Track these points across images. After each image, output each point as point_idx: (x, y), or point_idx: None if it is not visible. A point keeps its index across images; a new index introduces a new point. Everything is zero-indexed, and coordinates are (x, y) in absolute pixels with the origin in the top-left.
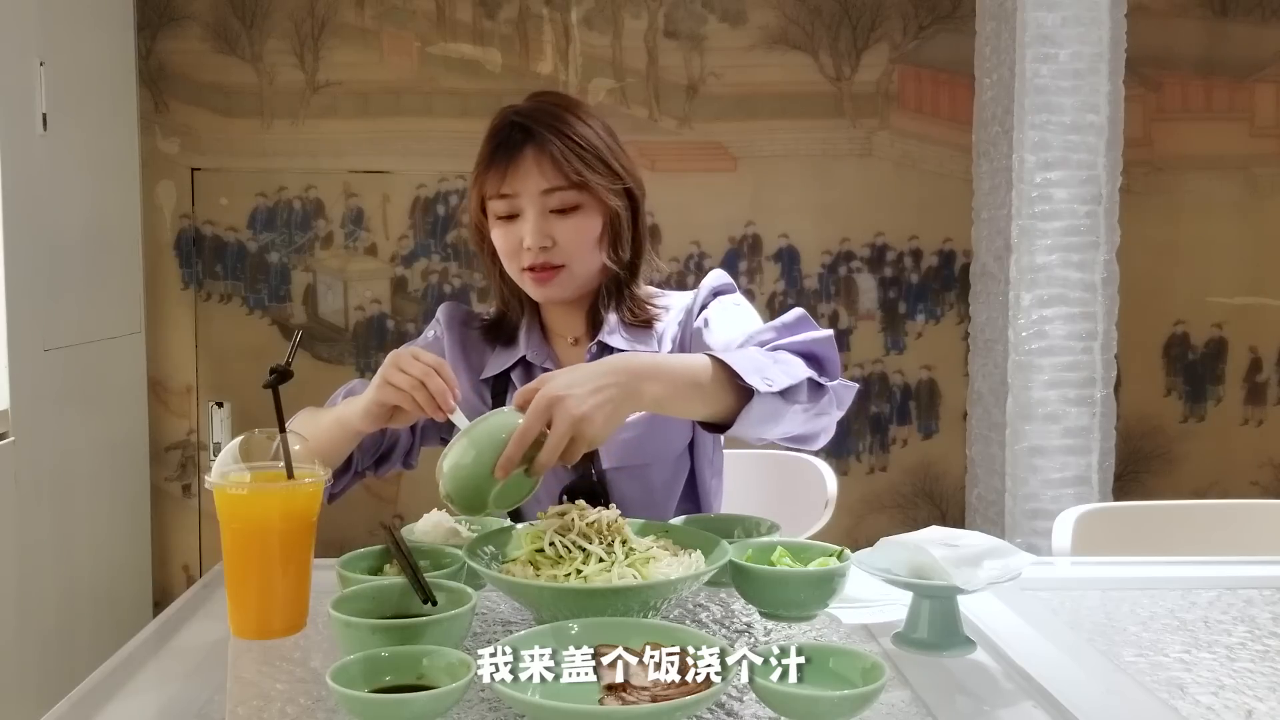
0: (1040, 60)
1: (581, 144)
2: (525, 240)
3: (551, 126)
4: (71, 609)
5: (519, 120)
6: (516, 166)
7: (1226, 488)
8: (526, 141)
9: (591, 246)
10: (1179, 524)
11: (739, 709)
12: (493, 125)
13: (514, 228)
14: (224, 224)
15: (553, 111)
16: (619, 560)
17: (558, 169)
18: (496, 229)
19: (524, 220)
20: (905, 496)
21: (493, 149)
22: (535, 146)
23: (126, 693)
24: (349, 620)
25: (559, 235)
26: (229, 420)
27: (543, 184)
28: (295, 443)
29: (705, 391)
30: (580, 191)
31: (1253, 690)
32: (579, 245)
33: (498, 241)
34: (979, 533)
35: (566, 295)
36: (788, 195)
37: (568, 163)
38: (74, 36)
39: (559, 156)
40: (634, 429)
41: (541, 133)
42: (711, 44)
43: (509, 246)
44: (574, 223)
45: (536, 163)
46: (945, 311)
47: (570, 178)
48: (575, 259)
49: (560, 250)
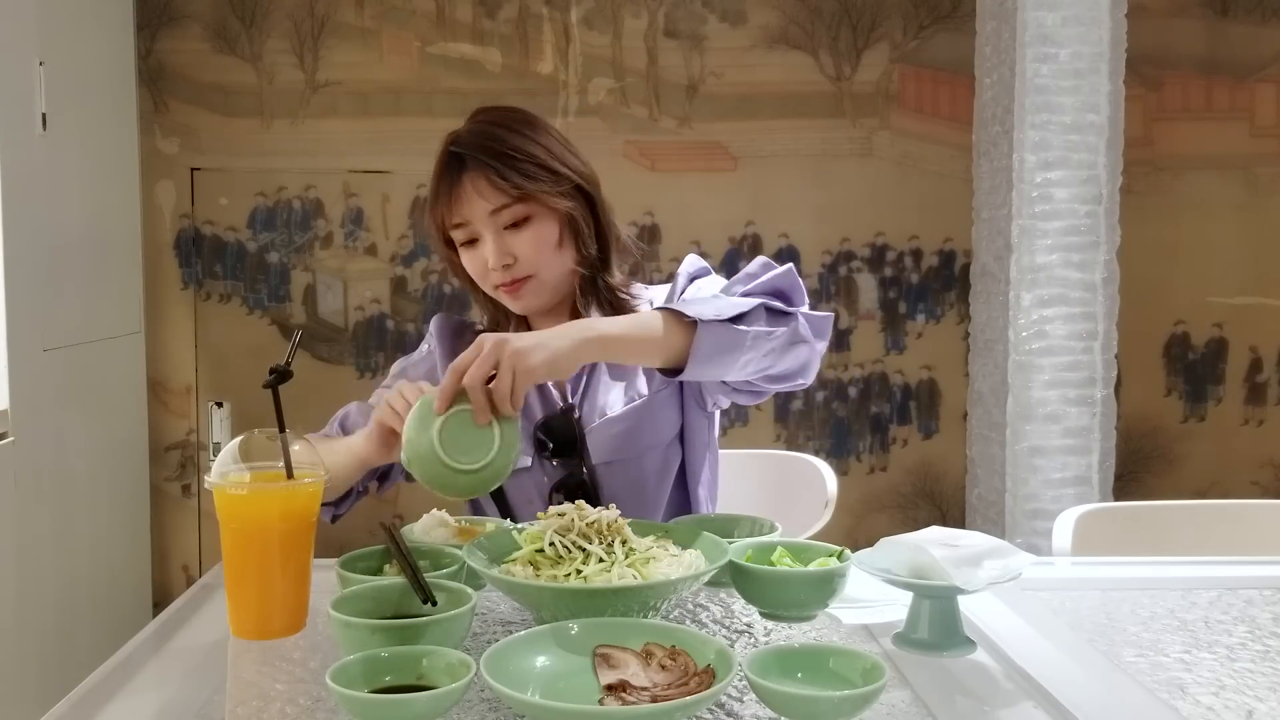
0: (1040, 60)
1: (518, 156)
2: (490, 261)
3: (485, 148)
4: (71, 609)
5: (455, 150)
6: (459, 195)
7: (1227, 488)
8: (462, 169)
9: (552, 252)
10: (1179, 524)
11: (739, 709)
12: (438, 156)
13: (477, 251)
14: (224, 224)
15: (487, 131)
16: (619, 560)
17: (496, 189)
18: (463, 254)
19: (483, 243)
20: (905, 496)
21: (437, 184)
22: (471, 173)
23: (126, 693)
24: (349, 620)
25: (518, 250)
26: (229, 420)
27: (488, 206)
28: (295, 443)
29: (656, 335)
30: (527, 203)
31: (1253, 690)
32: (540, 254)
33: (467, 266)
34: (979, 533)
35: (543, 302)
36: (788, 195)
37: (506, 180)
38: (74, 36)
39: (495, 177)
40: (623, 422)
41: (475, 156)
42: (711, 44)
43: (477, 269)
44: (529, 234)
45: (475, 188)
46: (945, 311)
47: (511, 194)
48: (540, 267)
49: (523, 263)
